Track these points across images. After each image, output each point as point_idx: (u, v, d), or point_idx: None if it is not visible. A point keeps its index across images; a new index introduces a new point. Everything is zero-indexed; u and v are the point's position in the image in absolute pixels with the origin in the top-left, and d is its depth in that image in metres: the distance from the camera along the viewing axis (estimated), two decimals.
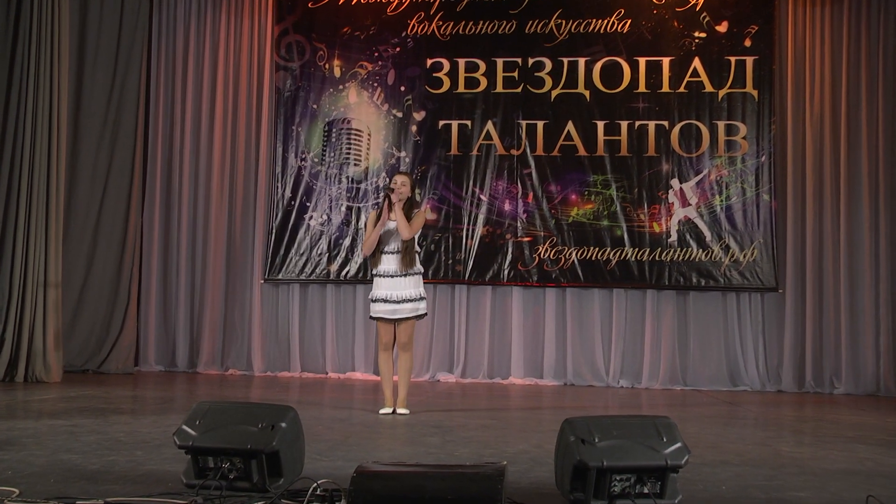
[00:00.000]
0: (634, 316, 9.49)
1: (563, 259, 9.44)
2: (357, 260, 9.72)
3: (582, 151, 9.52)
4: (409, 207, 6.33)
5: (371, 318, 6.43)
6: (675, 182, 9.37)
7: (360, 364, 9.75)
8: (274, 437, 3.31)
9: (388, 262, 6.30)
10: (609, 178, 9.46)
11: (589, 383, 9.37)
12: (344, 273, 9.75)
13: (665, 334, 9.38)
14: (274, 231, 9.90)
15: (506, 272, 9.52)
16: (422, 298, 6.29)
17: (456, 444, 4.87)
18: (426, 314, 6.45)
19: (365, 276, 9.60)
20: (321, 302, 9.94)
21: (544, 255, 9.47)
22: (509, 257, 9.52)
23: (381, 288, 6.30)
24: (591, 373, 9.43)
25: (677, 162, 9.39)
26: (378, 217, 6.36)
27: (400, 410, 6.28)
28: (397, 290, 6.25)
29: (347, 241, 9.77)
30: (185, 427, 3.38)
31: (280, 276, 9.89)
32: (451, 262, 9.60)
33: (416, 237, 6.35)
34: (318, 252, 9.81)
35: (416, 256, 6.36)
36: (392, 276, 6.26)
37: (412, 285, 6.29)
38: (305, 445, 3.70)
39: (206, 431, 3.35)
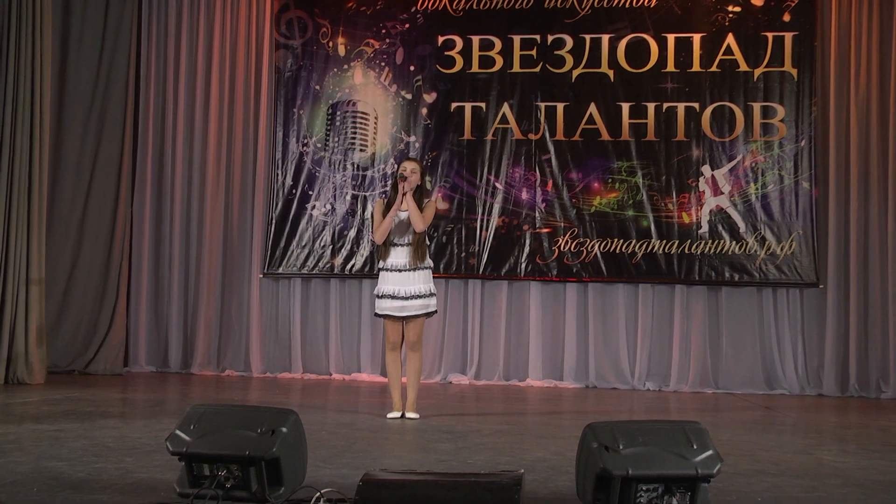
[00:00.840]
0: (662, 313, 9.47)
1: (584, 252, 9.42)
2: (363, 253, 9.72)
3: (605, 136, 9.50)
4: (419, 196, 6.34)
5: (377, 315, 6.44)
6: (706, 169, 9.33)
7: (366, 365, 9.76)
8: (274, 443, 3.31)
9: (398, 256, 6.31)
10: (635, 165, 9.43)
11: (613, 386, 9.36)
12: (349, 267, 9.75)
13: (695, 333, 9.35)
14: (274, 222, 9.91)
15: (523, 266, 9.51)
16: (432, 294, 6.30)
17: (469, 451, 4.86)
18: (436, 311, 6.45)
19: (372, 270, 9.60)
20: (324, 298, 9.95)
21: (564, 248, 9.45)
22: (527, 250, 9.51)
23: (388, 283, 6.30)
24: (615, 374, 9.42)
25: (709, 147, 9.35)
26: (386, 206, 6.36)
27: (409, 415, 6.29)
28: (406, 285, 6.25)
29: (353, 233, 9.77)
30: (178, 432, 3.39)
31: (280, 270, 9.90)
32: (464, 255, 9.59)
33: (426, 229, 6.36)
34: (322, 244, 9.82)
35: (427, 250, 6.37)
36: (401, 271, 6.27)
37: (422, 280, 6.29)
38: (308, 452, 3.70)
39: (201, 437, 3.35)
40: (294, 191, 9.91)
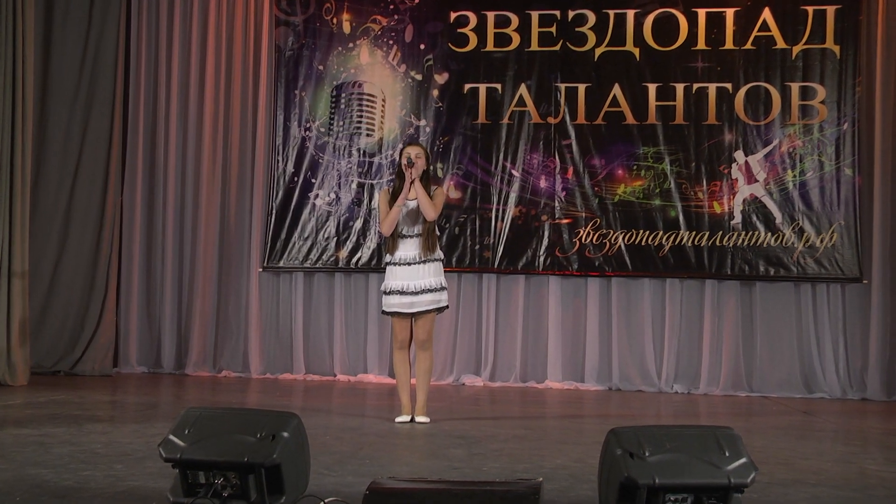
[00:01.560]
0: (691, 310, 9.45)
1: (607, 244, 9.41)
2: (370, 245, 9.72)
3: (630, 119, 9.47)
4: (426, 183, 6.33)
5: (384, 313, 6.43)
6: (739, 154, 9.30)
7: (373, 365, 9.77)
8: (275, 449, 3.31)
9: (407, 248, 6.31)
10: (662, 151, 9.41)
11: (638, 388, 9.35)
12: (355, 260, 9.76)
13: (727, 332, 9.33)
14: (274, 212, 9.92)
15: (541, 259, 9.50)
16: (443, 288, 6.30)
17: (484, 458, 4.86)
18: (447, 307, 6.45)
19: (379, 264, 9.60)
20: (328, 293, 9.96)
21: (586, 240, 9.44)
22: (545, 242, 9.50)
23: (396, 278, 6.29)
24: (641, 376, 9.41)
25: (742, 131, 9.32)
26: (392, 195, 6.35)
27: (419, 419, 6.29)
28: (415, 279, 6.25)
29: (359, 224, 9.77)
30: (172, 437, 3.39)
31: (281, 264, 9.91)
32: (477, 247, 9.59)
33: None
34: (325, 236, 9.82)
35: (438, 240, 6.37)
36: (410, 264, 6.27)
37: (432, 273, 6.29)
38: (311, 458, 3.70)
39: (196, 442, 3.35)
40: (296, 179, 9.91)
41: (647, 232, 9.38)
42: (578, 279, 9.58)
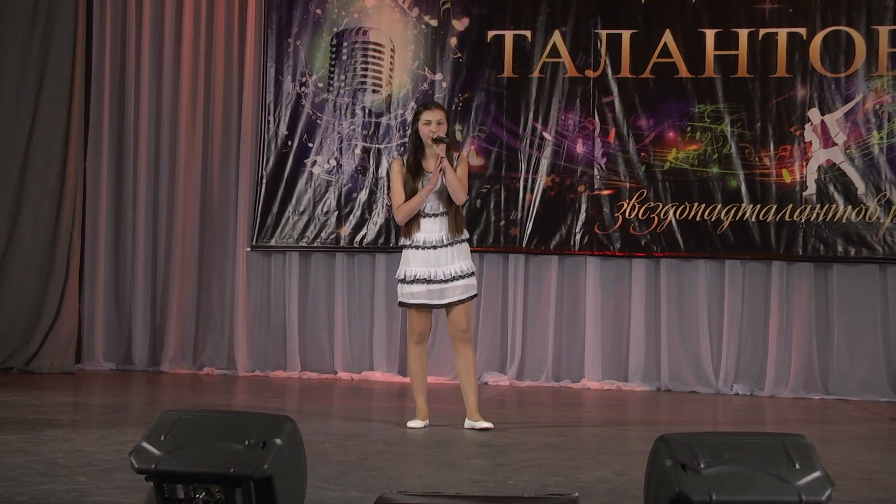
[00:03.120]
0: (755, 297, 9.43)
1: (656, 219, 9.39)
2: (376, 220, 9.71)
3: (684, 72, 9.42)
4: (447, 153, 6.28)
5: (402, 305, 6.39)
6: (814, 113, 9.25)
7: (380, 361, 9.79)
8: (266, 458, 3.31)
9: (430, 228, 6.27)
10: (721, 109, 9.36)
11: (691, 389, 9.34)
12: (359, 238, 9.76)
13: (798, 323, 9.31)
14: (264, 181, 9.93)
15: (578, 237, 9.48)
16: (472, 273, 6.30)
17: (510, 469, 4.87)
18: (476, 294, 6.45)
19: (387, 243, 9.60)
20: (328, 277, 9.98)
21: (630, 215, 9.42)
22: (582, 217, 9.48)
23: (418, 263, 6.26)
24: (695, 374, 9.40)
25: (818, 85, 9.26)
26: (407, 169, 6.31)
27: (481, 424, 6.25)
28: (443, 265, 6.22)
29: (363, 195, 9.77)
30: (145, 445, 3.39)
31: (273, 243, 9.92)
32: (503, 223, 9.57)
33: None
34: (325, 209, 9.82)
35: (463, 218, 6.37)
36: (435, 248, 6.24)
37: (460, 256, 6.28)
38: (308, 469, 3.70)
39: (173, 450, 3.35)
40: (290, 142, 9.91)
41: (703, 205, 9.34)
42: (621, 261, 9.56)
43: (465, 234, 6.38)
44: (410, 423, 6.32)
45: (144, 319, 10.12)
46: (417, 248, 6.28)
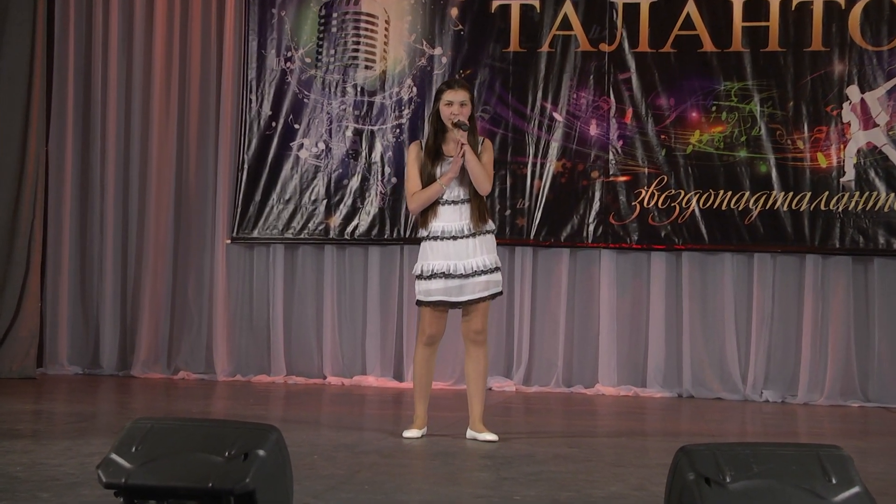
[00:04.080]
0: (787, 294, 9.43)
1: (677, 208, 9.39)
2: (370, 210, 9.71)
3: (709, 46, 9.42)
4: (472, 137, 6.25)
5: (420, 303, 6.34)
6: (853, 91, 9.25)
7: (373, 364, 9.80)
8: (248, 471, 3.31)
9: (450, 217, 6.22)
10: (750, 87, 9.36)
11: (716, 395, 9.35)
12: (350, 229, 9.75)
13: (835, 322, 9.32)
14: (246, 167, 9.93)
15: (591, 228, 9.48)
16: (497, 268, 6.25)
17: (517, 484, 4.87)
18: (502, 292, 6.42)
19: (381, 234, 9.61)
20: (316, 272, 9.99)
21: (649, 203, 9.42)
22: (596, 206, 9.48)
23: (437, 256, 6.21)
24: (720, 379, 9.41)
25: (858, 59, 9.26)
26: (427, 153, 6.27)
27: (484, 437, 6.22)
28: (464, 257, 6.18)
29: (355, 182, 9.76)
30: (114, 457, 3.39)
31: (255, 234, 9.92)
32: (508, 212, 9.57)
33: None
34: (312, 198, 9.82)
35: (487, 207, 6.33)
36: (456, 238, 6.20)
37: (485, 249, 6.23)
38: (294, 483, 3.69)
39: (146, 463, 3.35)
40: (274, 124, 9.91)
41: (729, 193, 9.35)
42: (639, 254, 9.57)
43: (491, 225, 6.30)
44: (406, 433, 6.31)
45: (113, 319, 10.12)
46: (436, 238, 6.23)
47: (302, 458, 5.23)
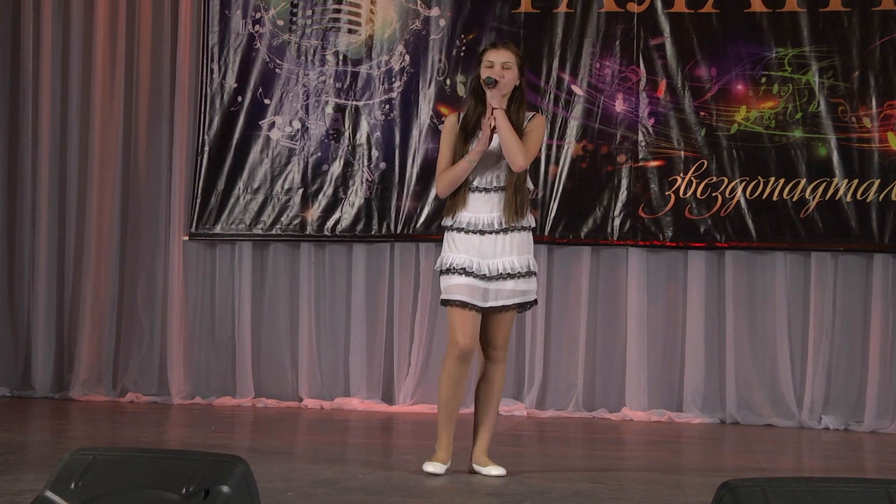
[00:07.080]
0: (850, 302, 9.45)
1: (719, 199, 9.40)
2: (354, 200, 9.71)
3: (758, 6, 9.43)
4: (517, 110, 6.20)
5: (444, 302, 6.27)
6: None
7: (358, 384, 9.81)
8: None
9: (480, 207, 6.15)
10: (807, 54, 9.37)
11: (767, 421, 9.37)
12: (331, 223, 9.76)
13: None
14: (207, 150, 9.93)
15: (617, 223, 9.50)
16: (531, 273, 6.16)
17: None
18: (536, 301, 6.34)
19: (368, 229, 9.61)
20: (290, 274, 10.02)
21: (686, 193, 9.43)
22: (623, 196, 9.50)
23: (462, 250, 6.16)
24: (771, 402, 9.42)
25: None
26: (463, 127, 6.23)
27: (490, 471, 6.18)
28: (492, 256, 6.09)
29: (337, 168, 9.77)
30: (49, 494, 3.39)
31: (218, 230, 9.93)
32: None
33: None
34: (286, 186, 9.83)
35: (528, 199, 6.21)
36: (484, 233, 6.13)
37: (519, 249, 6.14)
38: None
39: (87, 502, 3.35)
40: (240, 98, 9.92)
41: (782, 180, 9.36)
42: (674, 253, 9.59)
43: (529, 221, 6.19)
44: (428, 466, 6.19)
45: (48, 332, 10.13)
46: (463, 230, 6.16)
47: (274, 495, 5.23)
